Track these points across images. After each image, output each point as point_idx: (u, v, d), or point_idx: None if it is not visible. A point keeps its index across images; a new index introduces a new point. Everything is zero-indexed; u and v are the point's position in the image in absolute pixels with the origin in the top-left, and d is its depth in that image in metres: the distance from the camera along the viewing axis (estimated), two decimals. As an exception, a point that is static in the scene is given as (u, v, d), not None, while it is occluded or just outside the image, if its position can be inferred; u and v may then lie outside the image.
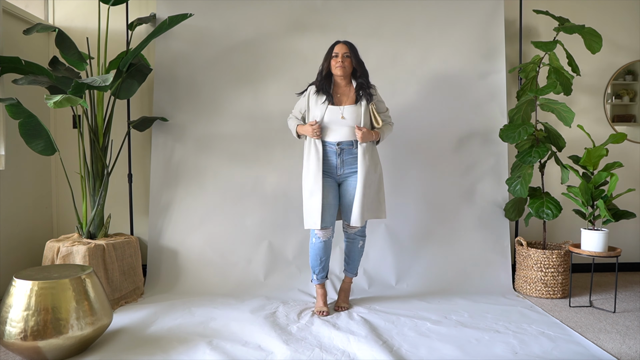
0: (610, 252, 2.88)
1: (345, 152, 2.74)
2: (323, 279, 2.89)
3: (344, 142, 2.73)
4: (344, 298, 2.93)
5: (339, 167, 2.76)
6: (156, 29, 2.96)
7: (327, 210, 2.74)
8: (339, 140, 2.73)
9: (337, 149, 2.73)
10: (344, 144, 2.73)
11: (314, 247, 2.81)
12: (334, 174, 2.78)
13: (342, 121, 2.71)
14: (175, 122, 3.45)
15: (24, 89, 3.11)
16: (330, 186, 2.77)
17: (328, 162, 2.77)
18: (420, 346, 2.34)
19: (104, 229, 3.08)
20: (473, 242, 3.42)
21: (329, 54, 2.77)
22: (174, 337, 2.43)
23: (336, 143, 2.73)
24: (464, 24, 3.47)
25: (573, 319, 2.76)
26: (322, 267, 2.85)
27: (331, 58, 2.75)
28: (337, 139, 2.73)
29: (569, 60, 3.19)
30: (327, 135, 2.75)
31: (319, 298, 2.86)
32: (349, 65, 2.73)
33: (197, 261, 3.34)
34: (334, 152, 2.74)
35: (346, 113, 2.71)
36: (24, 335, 2.06)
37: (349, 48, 2.74)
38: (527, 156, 3.09)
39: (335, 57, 2.73)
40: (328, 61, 2.76)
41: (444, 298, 3.06)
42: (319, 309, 2.79)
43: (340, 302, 2.90)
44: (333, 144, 2.74)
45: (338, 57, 2.72)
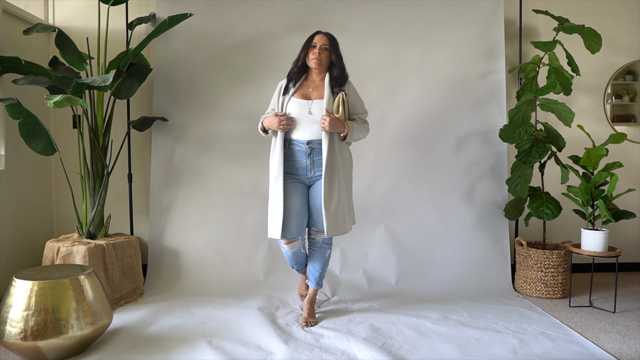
0: (610, 252, 2.88)
1: (315, 152, 2.48)
2: (302, 269, 2.80)
3: (314, 140, 2.47)
4: (310, 312, 2.64)
5: (309, 168, 2.49)
6: (156, 29, 2.96)
7: (293, 219, 2.46)
8: (309, 139, 2.46)
9: (306, 149, 2.47)
10: (315, 143, 2.47)
11: (286, 255, 2.69)
12: (302, 176, 2.52)
13: (310, 117, 2.45)
14: (175, 122, 3.45)
15: (24, 89, 3.11)
16: (299, 191, 2.50)
17: (296, 163, 2.50)
18: (420, 346, 2.33)
19: (104, 229, 3.08)
20: (473, 242, 3.42)
21: (308, 43, 2.53)
22: (173, 337, 2.43)
23: (306, 142, 2.47)
24: (463, 24, 3.47)
25: (573, 319, 2.76)
26: (298, 265, 2.76)
27: (309, 48, 2.52)
28: (306, 137, 2.46)
29: (568, 60, 3.19)
30: (295, 132, 2.48)
31: (302, 283, 2.87)
32: (325, 59, 2.50)
33: (197, 261, 3.34)
34: (303, 151, 2.48)
35: (314, 108, 2.45)
36: (24, 335, 2.06)
37: (329, 40, 2.50)
38: (527, 156, 3.09)
39: (313, 48, 2.49)
40: (305, 51, 2.52)
41: (444, 298, 3.06)
42: (302, 292, 2.86)
43: (307, 317, 2.60)
44: (302, 143, 2.47)
45: (315, 48, 2.49)
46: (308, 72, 2.59)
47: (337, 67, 2.52)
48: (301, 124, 2.48)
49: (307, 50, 2.52)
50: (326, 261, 2.68)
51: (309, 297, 2.69)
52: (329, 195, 2.43)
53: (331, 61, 2.53)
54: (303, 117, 2.47)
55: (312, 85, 2.55)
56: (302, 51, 2.55)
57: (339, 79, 2.51)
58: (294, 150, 2.50)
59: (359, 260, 3.37)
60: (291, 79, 2.56)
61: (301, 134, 2.48)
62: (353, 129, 2.49)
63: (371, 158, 3.44)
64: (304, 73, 2.57)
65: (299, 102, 2.49)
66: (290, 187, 2.50)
